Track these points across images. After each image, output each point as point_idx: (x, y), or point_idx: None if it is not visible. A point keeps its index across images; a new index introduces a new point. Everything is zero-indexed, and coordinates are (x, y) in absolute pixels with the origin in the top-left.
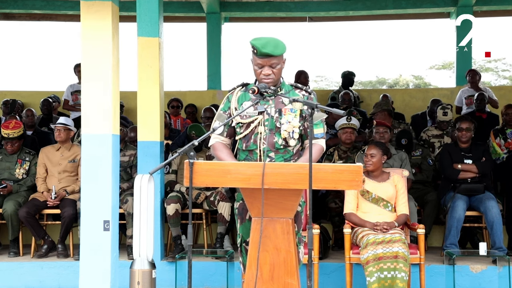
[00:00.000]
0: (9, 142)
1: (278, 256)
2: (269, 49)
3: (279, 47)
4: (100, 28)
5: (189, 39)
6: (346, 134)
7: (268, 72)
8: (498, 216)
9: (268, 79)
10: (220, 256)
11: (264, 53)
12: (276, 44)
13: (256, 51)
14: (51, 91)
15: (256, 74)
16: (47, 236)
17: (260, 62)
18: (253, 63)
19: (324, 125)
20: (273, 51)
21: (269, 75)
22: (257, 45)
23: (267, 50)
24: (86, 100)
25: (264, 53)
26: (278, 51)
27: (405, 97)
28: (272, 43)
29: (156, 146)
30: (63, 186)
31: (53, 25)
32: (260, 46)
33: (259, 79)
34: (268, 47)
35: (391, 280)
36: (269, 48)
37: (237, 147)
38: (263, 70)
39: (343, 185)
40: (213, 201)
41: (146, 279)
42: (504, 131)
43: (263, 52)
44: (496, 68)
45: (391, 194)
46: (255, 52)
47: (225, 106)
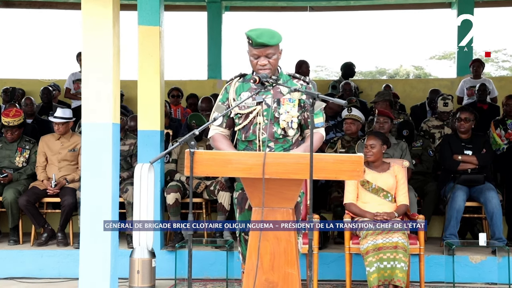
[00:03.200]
0: (9, 130)
1: (279, 245)
2: (264, 39)
3: (274, 37)
4: (101, 16)
5: (190, 28)
6: (346, 125)
7: (264, 62)
8: (498, 207)
9: (264, 69)
10: (220, 246)
11: (259, 43)
12: (271, 34)
13: (252, 41)
14: (51, 80)
15: (253, 65)
16: (47, 225)
17: (256, 52)
18: (249, 54)
19: (324, 114)
20: (268, 41)
21: (265, 65)
22: (252, 35)
23: (262, 40)
24: (87, 88)
25: (259, 43)
26: (273, 41)
27: (406, 87)
28: (267, 33)
29: (156, 135)
30: (63, 175)
31: (54, 13)
32: (255, 37)
33: (255, 70)
34: (263, 37)
35: (390, 270)
36: (264, 38)
37: (236, 138)
38: (259, 60)
39: (344, 175)
40: (213, 190)
41: (146, 268)
42: (505, 122)
43: (258, 42)
44: (497, 59)
45: (391, 184)
46: (251, 43)
47: (223, 97)
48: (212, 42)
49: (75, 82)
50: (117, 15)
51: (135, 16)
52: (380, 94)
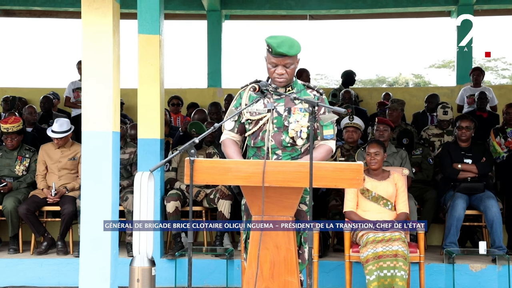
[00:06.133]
0: (8, 136)
1: (278, 254)
2: (284, 49)
3: (294, 47)
4: (101, 25)
5: (190, 37)
6: (348, 133)
7: (282, 72)
8: (498, 215)
9: (281, 78)
10: (220, 254)
11: (279, 52)
12: (291, 44)
13: (271, 49)
14: (51, 88)
15: (270, 73)
16: (47, 233)
17: (274, 61)
18: (267, 61)
19: (335, 126)
20: (288, 51)
21: (283, 74)
22: (273, 44)
23: (282, 50)
24: (87, 97)
25: (279, 53)
26: (293, 51)
27: (405, 95)
28: (288, 42)
29: (156, 144)
30: (63, 183)
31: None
32: (275, 45)
33: (272, 78)
34: (283, 46)
35: (390, 278)
36: (284, 48)
37: (246, 143)
38: (276, 69)
39: (343, 183)
40: (213, 198)
41: (146, 277)
42: (505, 130)
43: (278, 52)
44: (496, 67)
45: (391, 192)
46: (270, 51)
47: (237, 103)
48: (212, 50)
49: (75, 90)
50: (117, 23)
51: (135, 25)
52: (395, 101)
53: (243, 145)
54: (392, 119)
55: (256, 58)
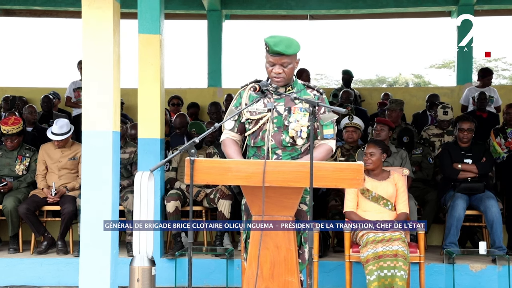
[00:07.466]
0: (8, 138)
1: (279, 254)
2: (281, 48)
3: (291, 47)
4: (101, 25)
5: (190, 37)
6: (348, 133)
7: (279, 71)
8: (498, 215)
9: (278, 77)
10: (220, 254)
11: (275, 51)
12: (289, 43)
13: (268, 48)
14: (51, 88)
15: (268, 72)
16: (47, 233)
17: (271, 60)
18: (266, 60)
19: (335, 126)
20: (284, 50)
21: (280, 73)
22: (270, 42)
23: (279, 49)
24: (87, 97)
25: (275, 51)
26: (290, 50)
27: (405, 95)
28: (285, 42)
29: (156, 143)
30: (63, 183)
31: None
32: (272, 44)
33: (270, 77)
34: (280, 45)
35: (390, 278)
36: (280, 47)
37: (246, 143)
38: (274, 68)
39: (344, 183)
40: (213, 198)
41: (146, 276)
42: (505, 130)
43: (275, 50)
44: (496, 67)
45: (391, 192)
46: (268, 50)
47: (237, 102)
48: (212, 50)
49: (76, 90)
50: (118, 23)
51: (136, 25)
52: (394, 101)
53: (243, 144)
54: (391, 119)
55: (257, 58)
